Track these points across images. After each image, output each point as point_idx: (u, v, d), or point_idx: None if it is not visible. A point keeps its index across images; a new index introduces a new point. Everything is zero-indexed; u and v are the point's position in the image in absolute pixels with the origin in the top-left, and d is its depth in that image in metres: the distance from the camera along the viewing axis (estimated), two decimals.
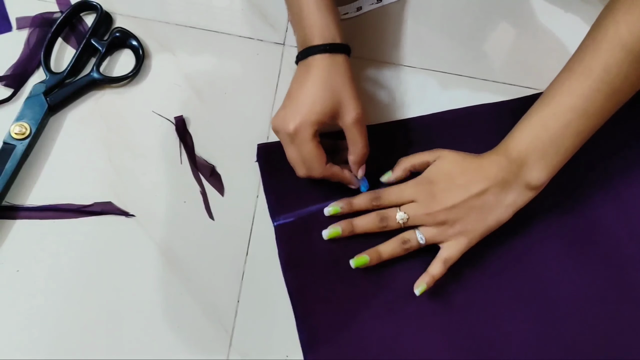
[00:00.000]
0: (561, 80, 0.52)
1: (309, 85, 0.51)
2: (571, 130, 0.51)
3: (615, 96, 0.50)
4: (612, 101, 0.51)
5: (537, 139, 0.52)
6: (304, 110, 0.51)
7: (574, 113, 0.50)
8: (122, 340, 0.52)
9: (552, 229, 0.57)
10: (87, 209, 0.56)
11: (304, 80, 0.52)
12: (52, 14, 0.63)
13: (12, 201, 0.56)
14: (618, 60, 0.49)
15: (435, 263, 0.53)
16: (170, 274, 0.54)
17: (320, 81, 0.51)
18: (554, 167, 0.52)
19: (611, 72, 0.49)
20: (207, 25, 0.64)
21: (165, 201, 0.57)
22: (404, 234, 0.54)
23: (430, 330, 0.54)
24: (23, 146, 0.57)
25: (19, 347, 0.52)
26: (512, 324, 0.54)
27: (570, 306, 0.55)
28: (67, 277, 0.54)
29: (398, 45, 0.65)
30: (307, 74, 0.52)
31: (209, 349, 0.53)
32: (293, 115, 0.51)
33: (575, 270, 0.56)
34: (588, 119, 0.51)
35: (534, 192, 0.53)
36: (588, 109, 0.50)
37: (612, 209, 0.59)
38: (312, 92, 0.51)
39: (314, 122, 0.51)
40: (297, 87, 0.52)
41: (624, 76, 0.49)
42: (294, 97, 0.52)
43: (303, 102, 0.51)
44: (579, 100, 0.50)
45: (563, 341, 0.54)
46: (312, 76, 0.52)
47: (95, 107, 0.60)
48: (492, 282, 0.55)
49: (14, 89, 0.60)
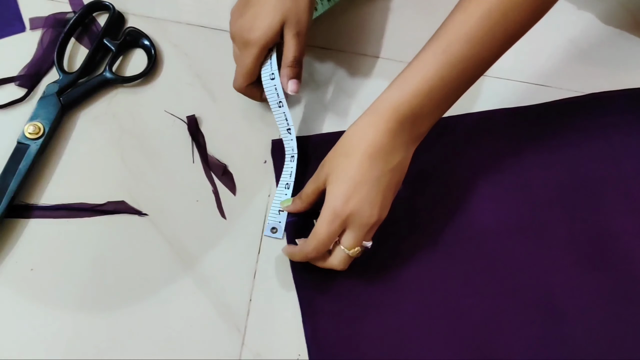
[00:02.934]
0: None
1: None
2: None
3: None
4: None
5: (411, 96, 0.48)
6: (258, 27, 0.53)
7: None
8: (135, 339, 0.52)
9: (561, 235, 0.57)
10: (100, 208, 0.56)
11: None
12: (65, 14, 0.64)
13: (26, 200, 0.56)
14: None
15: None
16: (182, 273, 0.55)
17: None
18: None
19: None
20: (219, 24, 0.64)
21: (178, 200, 0.57)
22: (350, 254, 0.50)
23: (435, 333, 0.53)
24: (37, 146, 0.57)
25: (33, 345, 0.52)
26: (518, 330, 0.54)
27: (578, 314, 0.54)
28: (81, 276, 0.54)
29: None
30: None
31: (222, 348, 0.53)
32: (250, 27, 0.53)
33: (584, 277, 0.56)
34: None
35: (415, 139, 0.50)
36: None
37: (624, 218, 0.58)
38: (269, 4, 0.53)
39: (264, 42, 0.53)
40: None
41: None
42: (251, 4, 0.54)
43: (260, 15, 0.53)
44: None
45: (569, 348, 0.53)
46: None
47: (108, 106, 0.61)
48: (498, 287, 0.55)
49: (27, 89, 0.60)
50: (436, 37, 0.49)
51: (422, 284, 0.54)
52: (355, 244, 0.49)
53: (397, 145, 0.49)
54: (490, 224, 0.57)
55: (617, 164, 0.60)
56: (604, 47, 0.66)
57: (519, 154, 0.60)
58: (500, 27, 0.47)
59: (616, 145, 0.61)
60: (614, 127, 0.61)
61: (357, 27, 0.65)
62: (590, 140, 0.61)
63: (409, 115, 0.48)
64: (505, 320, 0.54)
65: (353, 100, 0.62)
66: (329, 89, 0.62)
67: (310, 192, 0.52)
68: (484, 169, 0.59)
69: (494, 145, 0.60)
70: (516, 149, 0.60)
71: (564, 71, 0.64)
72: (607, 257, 0.56)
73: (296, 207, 0.54)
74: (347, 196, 0.48)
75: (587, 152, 0.60)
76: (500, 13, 0.46)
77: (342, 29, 0.65)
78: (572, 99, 0.63)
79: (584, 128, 0.61)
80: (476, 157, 0.59)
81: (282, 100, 0.56)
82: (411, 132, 0.49)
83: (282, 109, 0.56)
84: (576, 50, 0.65)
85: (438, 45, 0.48)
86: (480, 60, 0.48)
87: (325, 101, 0.62)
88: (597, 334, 0.54)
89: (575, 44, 0.66)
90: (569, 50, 0.65)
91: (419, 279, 0.54)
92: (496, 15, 0.46)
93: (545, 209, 0.58)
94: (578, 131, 0.61)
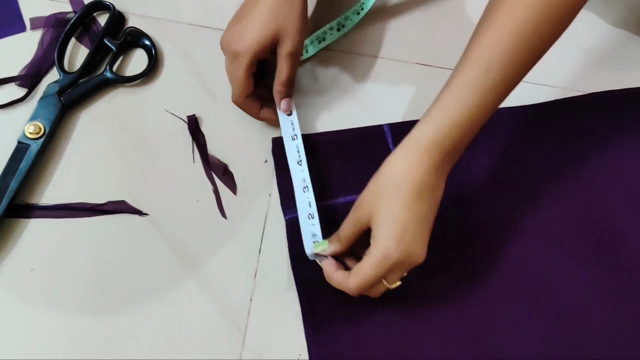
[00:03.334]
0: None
1: (260, 9, 0.53)
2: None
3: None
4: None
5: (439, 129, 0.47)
6: (247, 38, 0.53)
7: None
8: (135, 339, 0.52)
9: (564, 234, 0.57)
10: (100, 207, 0.56)
11: (256, 2, 0.53)
12: (66, 14, 0.64)
13: (27, 200, 0.56)
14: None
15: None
16: (183, 273, 0.54)
17: (269, 8, 0.53)
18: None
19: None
20: (219, 24, 0.64)
21: (178, 200, 0.57)
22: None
23: (436, 332, 0.53)
24: (37, 145, 0.57)
25: (33, 345, 0.52)
26: (522, 329, 0.54)
27: (582, 313, 0.54)
28: (81, 276, 0.54)
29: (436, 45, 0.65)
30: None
31: (222, 348, 0.52)
32: (238, 39, 0.53)
33: (588, 276, 0.55)
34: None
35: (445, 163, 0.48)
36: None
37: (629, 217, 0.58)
38: (260, 19, 0.53)
39: (253, 54, 0.53)
40: (249, 6, 0.54)
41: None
42: (243, 16, 0.54)
43: (250, 27, 0.53)
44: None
45: (574, 348, 0.53)
46: (263, 1, 0.53)
47: (109, 106, 0.61)
48: (502, 286, 0.55)
49: (28, 89, 0.60)
50: (471, 59, 0.47)
51: (423, 283, 0.54)
52: (397, 280, 0.48)
53: (440, 178, 0.48)
54: (494, 222, 0.57)
55: (621, 162, 0.60)
56: (608, 47, 0.66)
57: (522, 153, 0.60)
58: (534, 46, 0.46)
59: (620, 144, 0.60)
60: (618, 126, 0.61)
61: (359, 28, 0.65)
62: (594, 139, 0.61)
63: (451, 148, 0.47)
64: (508, 320, 0.54)
65: (355, 99, 0.62)
66: (330, 89, 0.62)
67: (350, 234, 0.49)
68: (485, 168, 0.59)
69: (497, 144, 0.59)
70: (519, 148, 0.60)
71: (567, 71, 0.64)
72: (611, 256, 0.56)
73: (335, 250, 0.50)
74: (399, 237, 0.46)
75: (591, 152, 0.60)
76: (533, 31, 0.45)
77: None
78: (575, 98, 0.63)
79: (587, 127, 0.61)
80: (478, 155, 0.59)
81: (303, 160, 0.55)
82: (450, 164, 0.48)
83: (301, 166, 0.55)
84: (580, 50, 0.65)
85: (475, 70, 0.46)
86: (516, 80, 0.47)
87: (326, 101, 0.62)
88: (602, 333, 0.53)
89: (579, 44, 0.65)
90: (573, 50, 0.65)
91: (420, 278, 0.54)
92: (530, 33, 0.45)
93: (548, 208, 0.57)
94: (582, 130, 0.61)
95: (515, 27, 0.45)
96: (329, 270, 0.49)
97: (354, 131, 0.60)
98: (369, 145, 0.60)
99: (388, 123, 0.60)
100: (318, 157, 0.58)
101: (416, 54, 0.64)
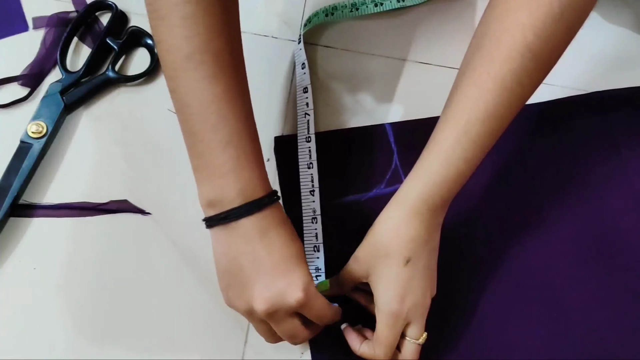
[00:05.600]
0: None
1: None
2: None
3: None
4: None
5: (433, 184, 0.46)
6: (247, 296, 0.44)
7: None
8: (138, 338, 0.52)
9: (565, 232, 0.57)
10: (103, 207, 0.56)
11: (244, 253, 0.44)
12: (68, 13, 0.64)
13: (29, 199, 0.56)
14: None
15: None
16: (186, 272, 0.54)
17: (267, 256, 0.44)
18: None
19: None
20: None
21: (181, 199, 0.57)
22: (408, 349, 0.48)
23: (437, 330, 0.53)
24: (40, 145, 0.57)
25: (36, 345, 0.52)
26: (522, 328, 0.54)
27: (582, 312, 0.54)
28: (84, 275, 0.54)
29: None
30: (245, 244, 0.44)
31: (225, 347, 0.52)
32: (244, 299, 0.45)
33: (588, 275, 0.55)
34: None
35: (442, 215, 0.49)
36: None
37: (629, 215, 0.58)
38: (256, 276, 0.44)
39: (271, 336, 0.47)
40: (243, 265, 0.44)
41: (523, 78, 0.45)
42: (236, 278, 0.45)
43: (245, 286, 0.44)
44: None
45: (574, 346, 0.53)
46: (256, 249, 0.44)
47: (111, 105, 0.61)
48: (501, 285, 0.55)
49: (30, 89, 0.60)
50: (452, 115, 0.46)
51: None
52: (421, 332, 0.48)
53: (432, 229, 0.48)
54: (494, 222, 0.57)
55: (621, 161, 0.60)
56: (610, 47, 0.66)
57: (522, 152, 0.60)
58: (517, 95, 0.45)
59: (620, 142, 0.60)
60: (618, 124, 0.61)
61: (360, 26, 0.65)
62: (594, 138, 0.61)
63: (439, 202, 0.47)
64: (508, 318, 0.54)
65: (355, 98, 0.62)
66: (332, 87, 0.62)
67: (349, 284, 0.51)
68: (486, 167, 0.59)
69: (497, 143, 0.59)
70: (519, 147, 0.60)
71: (567, 70, 0.64)
72: (611, 255, 0.56)
73: (335, 294, 0.51)
74: (400, 296, 0.46)
75: (592, 151, 0.60)
76: (515, 82, 0.44)
77: (344, 28, 0.65)
78: (576, 97, 0.63)
79: (588, 126, 0.61)
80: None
81: (316, 189, 0.55)
82: (442, 213, 0.48)
83: (313, 196, 0.55)
84: (580, 49, 0.65)
85: (456, 125, 0.45)
86: (500, 129, 0.47)
87: (328, 99, 0.62)
88: (603, 332, 0.53)
89: (580, 43, 0.65)
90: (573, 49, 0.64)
91: None
92: (511, 84, 0.44)
93: (549, 206, 0.57)
94: (582, 129, 0.61)
95: (494, 84, 0.44)
96: (354, 346, 0.50)
97: (355, 130, 0.60)
98: (371, 144, 0.60)
99: (389, 122, 0.60)
100: (320, 156, 0.58)
101: (417, 52, 0.64)
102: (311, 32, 0.64)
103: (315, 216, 0.55)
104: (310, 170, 0.56)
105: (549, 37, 0.44)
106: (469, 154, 0.46)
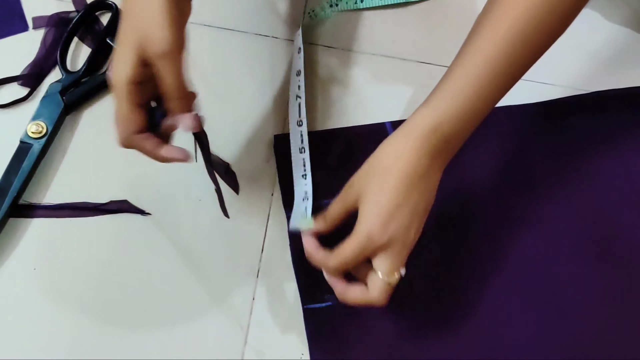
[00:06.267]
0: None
1: (121, 26, 0.44)
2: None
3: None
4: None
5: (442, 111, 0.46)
6: (115, 63, 0.44)
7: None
8: (138, 339, 0.52)
9: (566, 230, 0.57)
10: (103, 207, 0.56)
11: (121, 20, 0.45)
12: (68, 13, 0.64)
13: (29, 200, 0.56)
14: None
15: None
16: (185, 272, 0.55)
17: (126, 20, 0.44)
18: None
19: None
20: (220, 23, 0.64)
21: (181, 199, 0.57)
22: (386, 282, 0.45)
23: (437, 330, 0.53)
24: (39, 145, 0.57)
25: (35, 345, 0.52)
26: (522, 325, 0.54)
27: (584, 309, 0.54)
28: (83, 275, 0.54)
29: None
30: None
31: (225, 347, 0.52)
32: (111, 68, 0.44)
33: (589, 272, 0.55)
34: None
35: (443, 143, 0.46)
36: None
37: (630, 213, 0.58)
38: (120, 37, 0.44)
39: (125, 79, 0.43)
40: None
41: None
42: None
43: (116, 50, 0.44)
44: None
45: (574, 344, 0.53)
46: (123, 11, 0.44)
47: (111, 105, 0.60)
48: (502, 282, 0.55)
49: (30, 88, 0.60)
50: (471, 51, 0.46)
51: (424, 281, 0.54)
52: (393, 270, 0.45)
53: (434, 168, 0.46)
54: (495, 220, 0.57)
55: (622, 160, 0.60)
56: (610, 46, 0.66)
57: (523, 151, 0.60)
58: (536, 36, 0.45)
59: (621, 141, 0.60)
60: (619, 124, 0.61)
61: (360, 25, 0.65)
62: (596, 138, 0.61)
63: (447, 136, 0.45)
64: (509, 315, 0.54)
65: (355, 97, 0.62)
66: (331, 86, 0.62)
67: (337, 214, 0.48)
68: (487, 166, 0.59)
69: (498, 142, 0.59)
70: (520, 146, 0.60)
71: (568, 69, 0.64)
72: (613, 252, 0.56)
73: (319, 229, 0.48)
74: (385, 221, 0.44)
75: (592, 150, 0.60)
76: (534, 20, 0.44)
77: (344, 28, 0.65)
78: (576, 96, 0.63)
79: (589, 126, 0.61)
80: (480, 153, 0.58)
81: (308, 173, 0.55)
82: (447, 154, 0.46)
83: (305, 180, 0.55)
84: (580, 48, 0.65)
85: (475, 61, 0.45)
86: (519, 72, 0.46)
87: (328, 98, 0.62)
88: (604, 330, 0.54)
89: (581, 43, 0.65)
90: (575, 49, 0.65)
91: (421, 276, 0.54)
92: (531, 23, 0.44)
93: (550, 204, 0.57)
94: (583, 129, 0.61)
95: (515, 21, 0.44)
96: (310, 248, 0.48)
97: (355, 129, 0.60)
98: (371, 143, 0.60)
99: (390, 121, 0.60)
100: (319, 154, 0.58)
101: (417, 52, 0.64)
102: (311, 32, 0.64)
103: (306, 197, 0.55)
104: (302, 154, 0.56)
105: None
106: (483, 91, 0.45)
